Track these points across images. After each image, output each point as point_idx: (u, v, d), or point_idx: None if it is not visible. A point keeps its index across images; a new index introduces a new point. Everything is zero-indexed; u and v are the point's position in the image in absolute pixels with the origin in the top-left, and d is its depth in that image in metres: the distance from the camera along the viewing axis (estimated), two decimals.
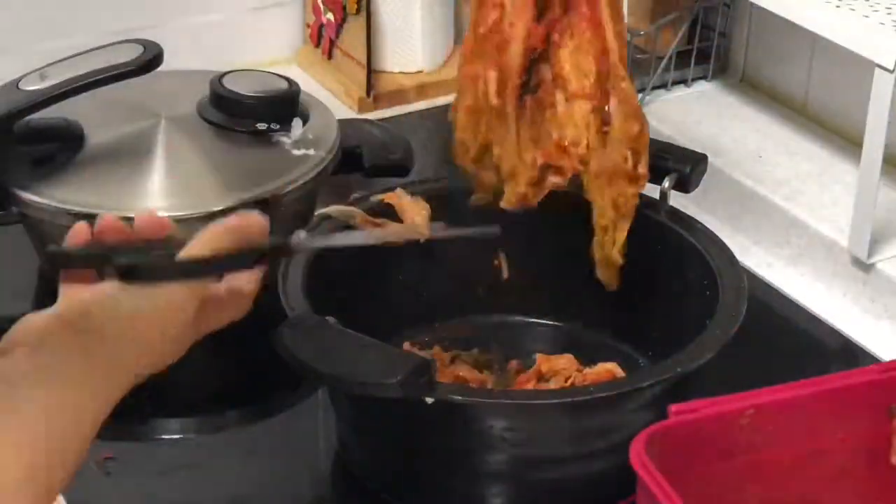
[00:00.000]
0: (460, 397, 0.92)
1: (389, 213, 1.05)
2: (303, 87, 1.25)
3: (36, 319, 0.76)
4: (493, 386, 1.06)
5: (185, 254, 0.78)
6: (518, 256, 1.12)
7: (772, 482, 0.90)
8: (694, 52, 1.47)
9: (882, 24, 1.13)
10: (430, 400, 0.85)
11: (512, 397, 0.97)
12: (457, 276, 1.09)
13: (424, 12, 1.57)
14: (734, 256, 1.03)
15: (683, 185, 1.07)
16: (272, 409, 1.11)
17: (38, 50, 1.28)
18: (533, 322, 1.14)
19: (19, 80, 1.17)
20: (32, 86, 1.15)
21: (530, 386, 1.05)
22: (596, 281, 1.10)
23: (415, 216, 1.03)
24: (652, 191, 1.08)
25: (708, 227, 1.07)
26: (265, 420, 1.12)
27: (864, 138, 1.15)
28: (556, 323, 1.13)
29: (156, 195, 1.13)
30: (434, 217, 1.03)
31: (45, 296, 1.25)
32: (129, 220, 0.79)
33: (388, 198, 1.06)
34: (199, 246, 0.79)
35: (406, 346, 1.07)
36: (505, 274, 1.13)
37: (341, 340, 0.86)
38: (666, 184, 1.06)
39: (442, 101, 1.56)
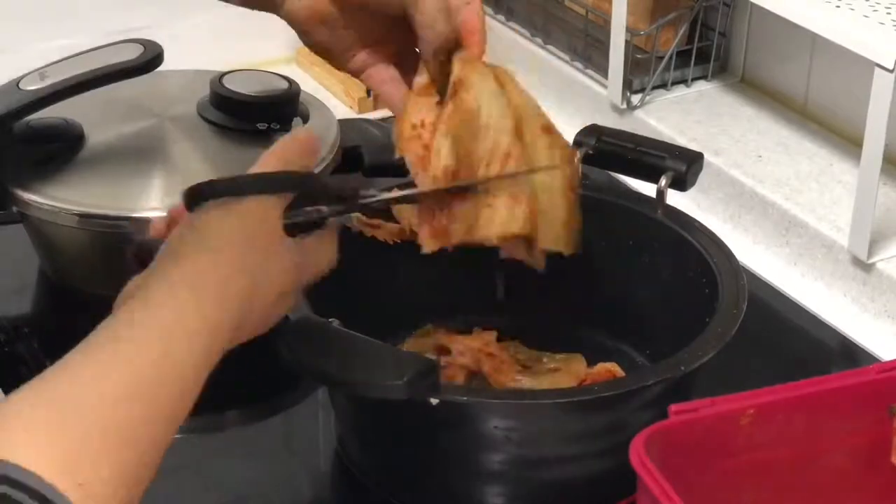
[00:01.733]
0: (465, 398, 0.92)
1: (386, 213, 1.05)
2: (303, 87, 1.26)
3: (136, 277, 0.78)
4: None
5: (254, 170, 0.84)
6: (515, 259, 1.11)
7: (772, 482, 0.90)
8: (694, 52, 1.47)
9: (882, 24, 1.13)
10: (434, 401, 0.85)
11: (517, 397, 0.97)
12: (457, 276, 1.09)
13: None
14: (732, 254, 1.03)
15: (680, 184, 1.06)
16: (272, 409, 1.11)
17: (38, 50, 1.28)
18: (533, 322, 1.13)
19: (19, 80, 1.17)
20: (32, 86, 1.16)
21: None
22: (595, 281, 1.10)
23: (411, 217, 1.03)
24: (649, 189, 1.09)
25: (707, 226, 1.07)
26: (265, 420, 1.12)
27: (864, 138, 1.15)
28: (555, 323, 1.13)
29: (156, 195, 1.13)
30: None
31: (45, 296, 1.26)
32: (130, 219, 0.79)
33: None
34: (266, 164, 0.85)
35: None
36: (500, 294, 1.13)
37: (345, 342, 0.86)
38: (662, 182, 1.06)
39: None
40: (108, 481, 0.63)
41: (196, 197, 0.81)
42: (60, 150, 1.17)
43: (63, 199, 1.13)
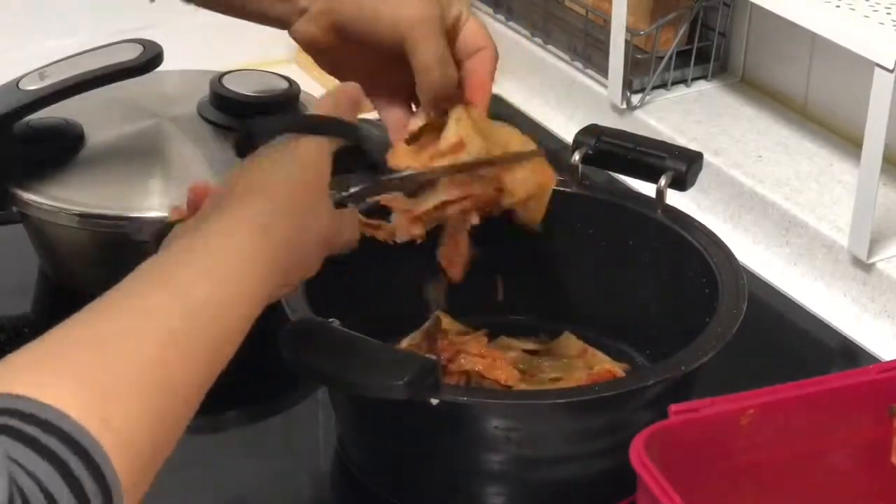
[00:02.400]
0: (466, 398, 0.92)
1: (386, 214, 1.05)
2: (303, 87, 1.25)
3: (188, 221, 0.80)
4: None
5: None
6: (516, 259, 1.11)
7: (772, 482, 0.90)
8: (694, 52, 1.47)
9: (882, 24, 1.13)
10: (435, 401, 0.85)
11: (517, 398, 0.97)
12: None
13: None
14: (732, 254, 1.03)
15: (680, 184, 1.07)
16: (272, 409, 1.11)
17: (38, 50, 1.28)
18: (533, 322, 1.14)
19: (19, 80, 1.17)
20: (32, 86, 1.16)
21: None
22: (595, 281, 1.11)
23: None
24: (649, 189, 1.09)
25: (707, 226, 1.07)
26: (265, 420, 1.12)
27: (864, 138, 1.15)
28: (555, 323, 1.13)
29: (156, 195, 1.13)
30: None
31: (45, 296, 1.26)
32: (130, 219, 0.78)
33: (385, 199, 1.06)
34: (320, 107, 0.88)
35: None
36: (500, 296, 1.13)
37: (345, 342, 0.86)
38: (662, 182, 1.06)
39: None
40: (136, 422, 0.63)
41: (251, 136, 0.83)
42: (60, 150, 1.17)
43: (63, 199, 1.13)
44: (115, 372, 0.63)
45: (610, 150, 1.09)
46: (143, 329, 0.66)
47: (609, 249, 1.10)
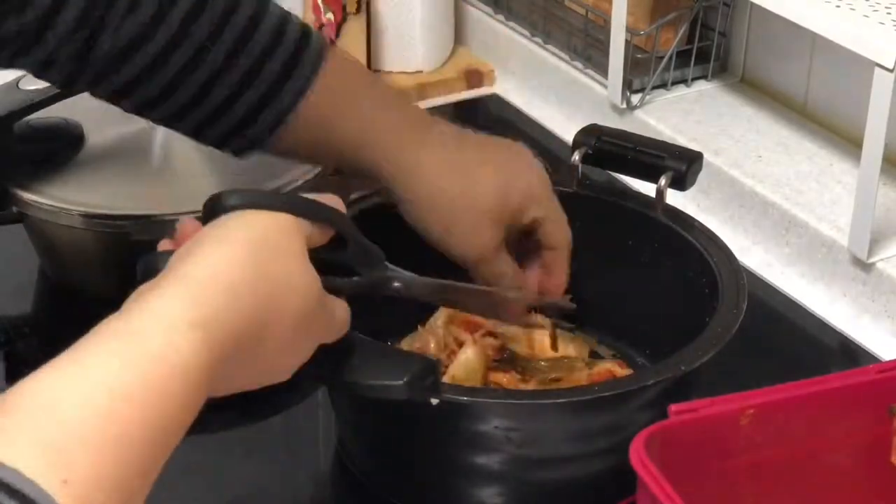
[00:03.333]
0: (465, 398, 0.92)
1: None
2: None
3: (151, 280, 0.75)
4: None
5: None
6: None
7: (772, 482, 0.90)
8: (694, 52, 1.47)
9: (882, 23, 1.13)
10: (435, 401, 0.85)
11: (517, 397, 0.97)
12: (457, 277, 1.09)
13: (424, 12, 1.57)
14: (732, 253, 1.03)
15: (679, 184, 1.06)
16: (272, 409, 1.11)
17: None
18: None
19: (19, 80, 1.17)
20: (32, 86, 1.16)
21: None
22: (595, 281, 1.11)
23: None
24: (649, 189, 1.09)
25: (707, 226, 1.07)
26: (265, 420, 1.12)
27: (864, 138, 1.16)
28: (555, 322, 1.13)
29: (156, 195, 1.13)
30: None
31: (45, 296, 1.26)
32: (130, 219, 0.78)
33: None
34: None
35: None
36: None
37: (345, 342, 0.86)
38: (662, 182, 1.06)
39: (441, 100, 1.56)
40: (97, 480, 0.61)
41: (216, 207, 0.79)
42: (60, 150, 1.17)
43: (63, 198, 1.13)
44: (69, 429, 0.61)
45: (610, 150, 1.09)
46: (91, 384, 0.64)
47: (609, 249, 1.10)
